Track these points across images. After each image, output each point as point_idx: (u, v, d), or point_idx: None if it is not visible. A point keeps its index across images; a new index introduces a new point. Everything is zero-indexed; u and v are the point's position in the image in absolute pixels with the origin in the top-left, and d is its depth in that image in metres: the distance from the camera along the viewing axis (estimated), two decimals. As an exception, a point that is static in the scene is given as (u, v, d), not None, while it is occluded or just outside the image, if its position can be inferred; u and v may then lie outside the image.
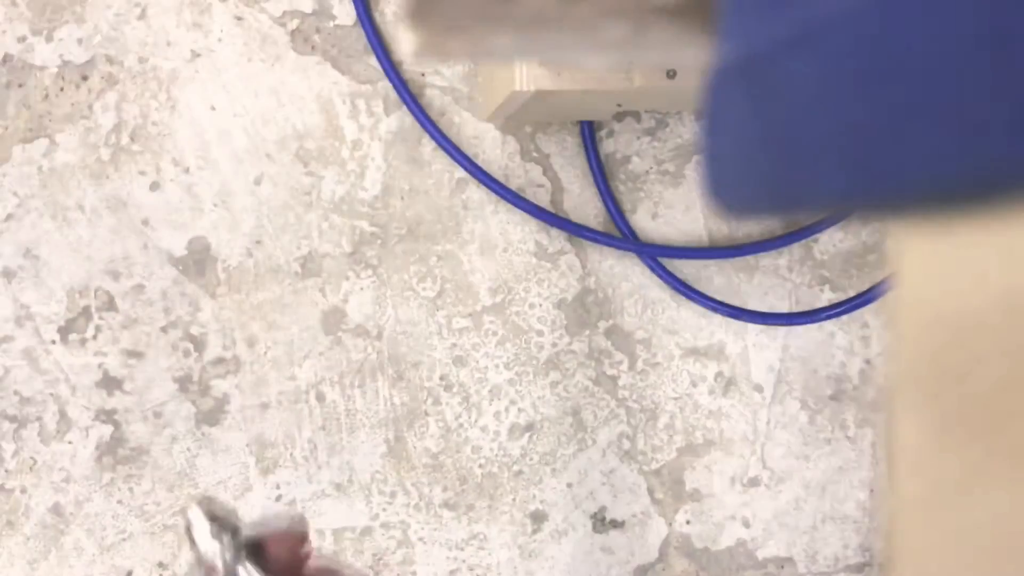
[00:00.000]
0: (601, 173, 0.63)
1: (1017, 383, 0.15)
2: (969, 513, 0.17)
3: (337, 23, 0.61)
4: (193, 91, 0.60)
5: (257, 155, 0.61)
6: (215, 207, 0.61)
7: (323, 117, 0.61)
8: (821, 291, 0.66)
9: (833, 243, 0.66)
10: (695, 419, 0.66)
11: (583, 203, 0.64)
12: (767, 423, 0.66)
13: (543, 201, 0.63)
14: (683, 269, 0.65)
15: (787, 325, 0.65)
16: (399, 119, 0.62)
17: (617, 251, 0.64)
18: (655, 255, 0.64)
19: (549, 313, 0.64)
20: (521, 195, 0.62)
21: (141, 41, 0.60)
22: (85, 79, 0.60)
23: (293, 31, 0.61)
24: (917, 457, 0.18)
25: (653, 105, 0.62)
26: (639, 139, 0.64)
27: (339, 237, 0.62)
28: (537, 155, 0.63)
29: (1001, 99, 0.12)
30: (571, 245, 0.64)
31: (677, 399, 0.65)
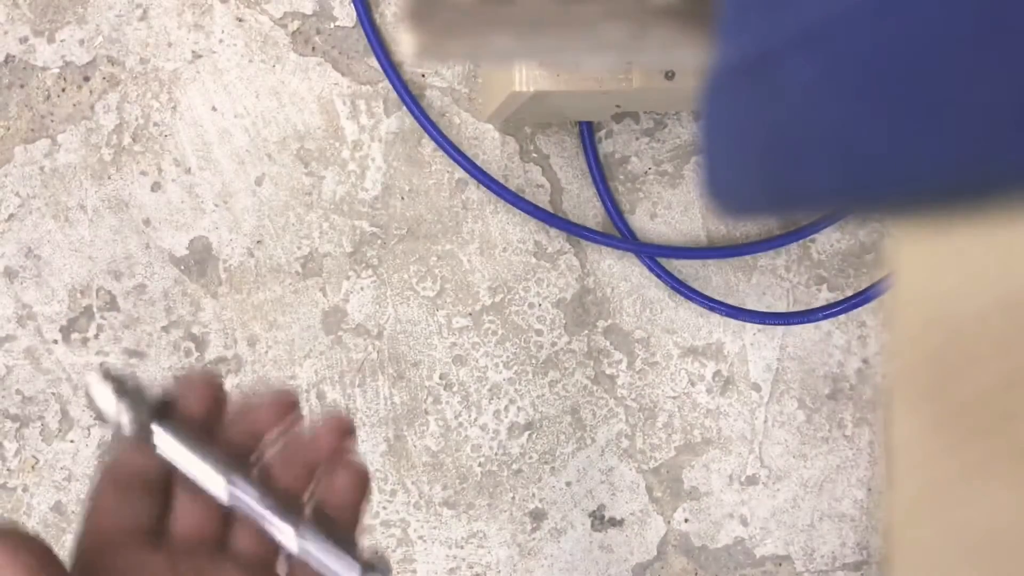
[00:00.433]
0: (600, 173, 0.63)
1: (1015, 383, 0.16)
2: (967, 512, 0.17)
3: (337, 24, 0.61)
4: (194, 92, 0.60)
5: (258, 155, 0.61)
6: (216, 207, 0.61)
7: (324, 118, 0.61)
8: (819, 291, 0.66)
9: (831, 243, 0.66)
10: (693, 418, 0.66)
11: (582, 203, 0.64)
12: (765, 422, 0.66)
13: (542, 201, 0.63)
14: (681, 269, 0.65)
15: (785, 324, 0.66)
16: (399, 120, 0.62)
17: (616, 251, 0.64)
18: (653, 255, 0.64)
19: (548, 312, 0.64)
20: (520, 195, 0.62)
21: (142, 42, 0.60)
22: (87, 80, 0.60)
23: (294, 32, 0.61)
24: (915, 456, 0.18)
25: (652, 106, 0.62)
26: (638, 140, 0.64)
27: (340, 237, 0.62)
28: (536, 156, 0.63)
29: (1002, 99, 0.12)
30: (570, 245, 0.64)
31: (675, 398, 0.65)
